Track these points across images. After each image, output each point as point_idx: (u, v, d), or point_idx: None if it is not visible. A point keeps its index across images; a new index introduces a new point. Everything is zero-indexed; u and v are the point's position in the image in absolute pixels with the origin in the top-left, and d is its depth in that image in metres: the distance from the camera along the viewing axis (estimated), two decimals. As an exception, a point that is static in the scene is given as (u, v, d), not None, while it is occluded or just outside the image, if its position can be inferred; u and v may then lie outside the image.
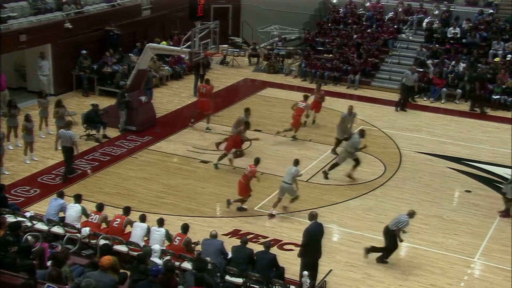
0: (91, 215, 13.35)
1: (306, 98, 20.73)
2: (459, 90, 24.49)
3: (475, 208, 16.22)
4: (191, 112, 21.87)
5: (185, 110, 23.07)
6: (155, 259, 11.88)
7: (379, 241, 14.48)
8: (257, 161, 15.95)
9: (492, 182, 17.79)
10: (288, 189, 15.56)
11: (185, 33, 20.74)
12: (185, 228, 12.67)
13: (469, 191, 17.23)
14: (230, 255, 12.29)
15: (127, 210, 13.31)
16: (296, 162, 15.86)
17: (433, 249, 14.31)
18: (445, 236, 14.87)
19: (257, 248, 12.78)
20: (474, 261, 13.96)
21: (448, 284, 13.07)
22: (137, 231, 12.83)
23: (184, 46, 19.91)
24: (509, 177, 17.55)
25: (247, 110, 19.46)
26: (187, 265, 11.81)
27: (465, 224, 15.47)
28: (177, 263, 11.77)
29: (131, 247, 12.42)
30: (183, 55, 23.77)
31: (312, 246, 12.29)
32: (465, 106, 24.10)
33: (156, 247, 12.23)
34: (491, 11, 27.78)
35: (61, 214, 13.53)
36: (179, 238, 12.51)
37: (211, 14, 30.25)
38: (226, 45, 29.53)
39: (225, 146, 18.26)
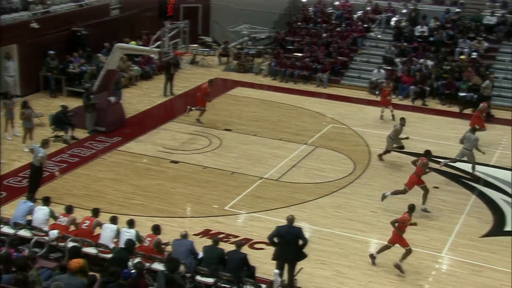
0: (59, 218, 13.21)
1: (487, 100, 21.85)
2: (427, 88, 24.76)
3: (442, 204, 16.40)
4: (161, 112, 21.78)
5: (155, 111, 22.98)
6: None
7: (350, 238, 14.64)
8: (411, 208, 13.68)
9: (459, 178, 18.03)
10: (469, 154, 17.41)
11: (154, 33, 20.64)
12: (156, 229, 12.62)
13: (437, 187, 17.43)
14: (201, 255, 12.28)
15: (96, 212, 13.23)
16: (474, 130, 17.83)
17: (403, 246, 14.45)
18: (414, 232, 14.95)
19: (228, 247, 12.78)
20: (442, 256, 14.14)
21: (416, 279, 13.22)
22: (106, 233, 12.73)
23: (153, 46, 19.84)
24: (476, 173, 17.87)
25: (402, 119, 18.78)
26: (157, 266, 11.78)
27: (433, 220, 15.66)
28: (147, 264, 11.73)
29: (100, 249, 12.33)
30: (152, 55, 23.67)
31: (282, 246, 12.32)
32: (433, 104, 24.34)
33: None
34: (457, 10, 28.19)
35: (29, 217, 13.37)
36: (150, 239, 12.46)
37: (181, 13, 30.12)
38: (196, 45, 29.45)
39: (408, 181, 16.28)
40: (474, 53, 25.76)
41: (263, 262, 12.88)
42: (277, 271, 11.86)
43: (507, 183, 17.59)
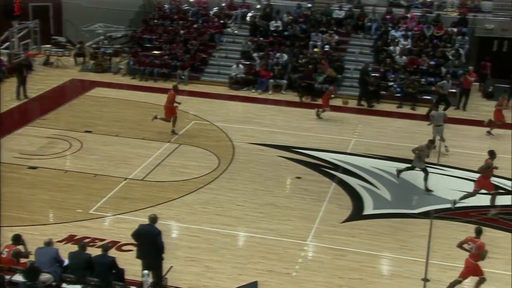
0: None
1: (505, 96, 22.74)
2: (284, 81, 25.50)
3: (305, 193, 16.98)
4: (15, 116, 20.78)
5: (8, 115, 21.82)
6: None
7: (218, 233, 14.76)
8: (479, 231, 12.50)
9: (319, 167, 18.76)
10: (441, 130, 19.49)
11: (1, 34, 19.63)
12: (16, 239, 12.03)
13: (299, 177, 18.03)
14: (66, 262, 11.89)
15: None
16: (436, 107, 20.62)
17: (269, 236, 14.78)
18: (279, 223, 15.43)
19: (95, 252, 12.45)
20: (307, 243, 14.62)
21: (284, 268, 13.58)
22: (-42, 249, 11.95)
23: (2, 48, 18.87)
24: (336, 161, 18.70)
25: (432, 142, 17.73)
26: (19, 277, 11.23)
27: (297, 210, 16.17)
28: (7, 277, 11.15)
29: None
30: (1, 57, 22.48)
31: (141, 246, 12.25)
32: (291, 96, 25.08)
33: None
34: (309, 4, 29.29)
35: None
36: (7, 250, 11.85)
37: (30, 13, 28.81)
38: (49, 45, 28.31)
39: (477, 184, 16.14)
40: (327, 46, 26.93)
41: (132, 263, 12.65)
42: (146, 271, 11.73)
43: (363, 169, 18.55)
